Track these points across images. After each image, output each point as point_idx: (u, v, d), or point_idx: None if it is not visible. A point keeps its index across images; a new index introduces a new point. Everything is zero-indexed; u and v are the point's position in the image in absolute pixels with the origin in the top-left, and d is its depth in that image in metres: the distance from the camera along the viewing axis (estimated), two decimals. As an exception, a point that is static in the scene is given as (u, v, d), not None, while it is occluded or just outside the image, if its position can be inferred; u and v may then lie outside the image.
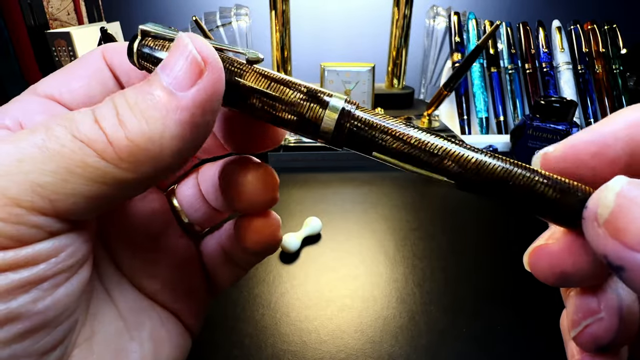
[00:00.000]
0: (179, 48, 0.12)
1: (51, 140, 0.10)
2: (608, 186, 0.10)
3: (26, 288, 0.10)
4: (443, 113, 0.67)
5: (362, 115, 0.13)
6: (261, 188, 0.15)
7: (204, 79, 0.11)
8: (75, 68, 0.15)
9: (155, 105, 0.11)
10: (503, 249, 0.37)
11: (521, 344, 0.27)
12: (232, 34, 0.69)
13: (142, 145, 0.11)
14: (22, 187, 0.10)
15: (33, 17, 0.62)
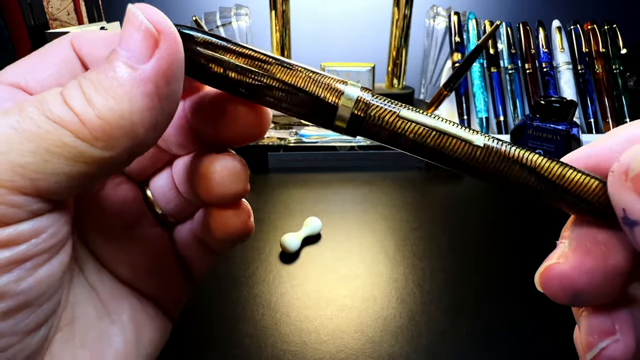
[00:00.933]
0: (130, 21, 0.12)
1: (25, 121, 0.10)
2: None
3: (9, 267, 0.11)
4: (443, 113, 0.67)
5: (377, 103, 0.13)
6: (229, 179, 0.15)
7: (161, 48, 0.12)
8: (43, 56, 0.14)
9: (118, 81, 0.11)
10: (503, 248, 0.37)
11: (521, 344, 0.27)
12: (232, 34, 0.69)
13: (113, 123, 0.11)
14: (3, 168, 0.10)
15: (33, 17, 0.62)
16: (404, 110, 0.13)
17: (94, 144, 0.11)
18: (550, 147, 0.51)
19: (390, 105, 0.13)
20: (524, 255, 0.35)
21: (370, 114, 0.13)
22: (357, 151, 0.52)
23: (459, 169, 0.13)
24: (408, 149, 0.13)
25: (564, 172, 0.12)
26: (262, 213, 0.41)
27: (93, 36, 0.14)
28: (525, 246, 0.37)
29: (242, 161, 0.16)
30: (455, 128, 0.13)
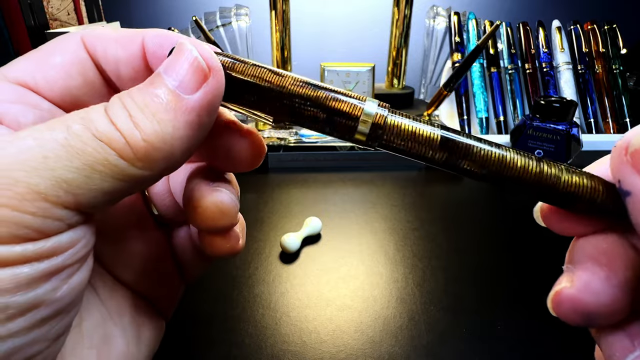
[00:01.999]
0: (183, 53, 0.12)
1: (73, 138, 0.11)
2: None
3: (48, 277, 0.11)
4: (443, 113, 0.67)
5: (395, 119, 0.13)
6: (219, 216, 0.16)
7: (209, 83, 0.12)
8: (51, 54, 0.14)
9: (165, 107, 0.12)
10: (503, 248, 0.37)
11: (522, 344, 0.27)
12: (232, 34, 0.69)
13: (156, 145, 0.12)
14: (50, 183, 0.10)
15: (33, 17, 0.62)
16: (418, 124, 0.13)
17: (134, 163, 0.11)
18: (550, 147, 0.51)
19: (404, 119, 0.13)
20: (524, 255, 0.35)
21: (388, 127, 0.13)
22: (357, 151, 0.52)
23: (474, 177, 0.14)
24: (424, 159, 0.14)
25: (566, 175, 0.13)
26: (262, 213, 0.41)
27: (106, 34, 0.14)
28: (525, 246, 0.37)
29: (234, 195, 0.16)
30: (463, 137, 0.13)
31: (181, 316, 0.28)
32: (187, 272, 0.20)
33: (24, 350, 0.11)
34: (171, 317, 0.20)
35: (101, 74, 0.15)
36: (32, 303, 0.11)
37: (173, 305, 0.20)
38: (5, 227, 0.10)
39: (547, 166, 0.13)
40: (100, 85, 0.15)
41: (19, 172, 0.10)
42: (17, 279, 0.10)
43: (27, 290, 0.11)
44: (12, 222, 0.10)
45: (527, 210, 0.42)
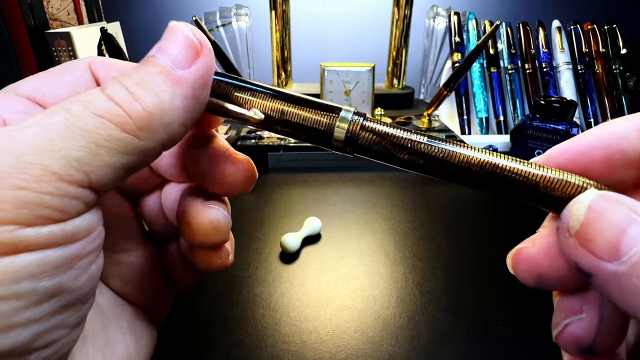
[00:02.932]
0: (173, 32, 0.13)
1: (74, 118, 0.11)
2: (579, 199, 0.12)
3: (72, 263, 0.12)
4: (443, 113, 0.67)
5: (370, 125, 0.14)
6: (212, 232, 0.16)
7: (202, 59, 0.13)
8: (60, 74, 0.15)
9: (162, 81, 0.12)
10: (503, 248, 0.36)
11: (522, 344, 0.27)
12: (232, 34, 0.69)
13: (156, 115, 0.12)
14: (61, 163, 0.11)
15: (33, 17, 0.62)
16: (394, 130, 0.14)
17: (137, 135, 0.12)
18: (550, 147, 0.51)
19: (384, 127, 0.14)
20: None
21: (362, 135, 0.14)
22: (357, 151, 0.52)
23: (453, 180, 0.14)
24: (400, 164, 0.14)
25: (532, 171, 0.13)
26: (262, 213, 0.41)
27: (111, 62, 0.16)
28: (525, 246, 0.37)
29: (226, 212, 0.17)
30: (446, 145, 0.14)
31: (181, 316, 0.28)
32: (177, 284, 0.21)
33: (47, 335, 0.11)
34: (162, 324, 0.21)
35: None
36: (57, 289, 0.11)
37: (163, 314, 0.21)
38: (27, 209, 0.10)
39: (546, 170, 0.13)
40: None
41: (30, 155, 0.11)
42: (45, 263, 0.11)
43: (53, 277, 0.11)
44: (34, 203, 0.10)
45: (527, 210, 0.42)
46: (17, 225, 0.10)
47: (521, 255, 0.14)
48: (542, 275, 0.13)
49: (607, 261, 0.10)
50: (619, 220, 0.11)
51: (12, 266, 0.10)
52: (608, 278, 0.10)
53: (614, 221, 0.11)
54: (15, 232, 0.10)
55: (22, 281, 0.10)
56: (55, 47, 0.62)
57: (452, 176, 0.14)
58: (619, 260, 0.10)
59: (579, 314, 0.13)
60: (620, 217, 0.11)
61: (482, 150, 0.13)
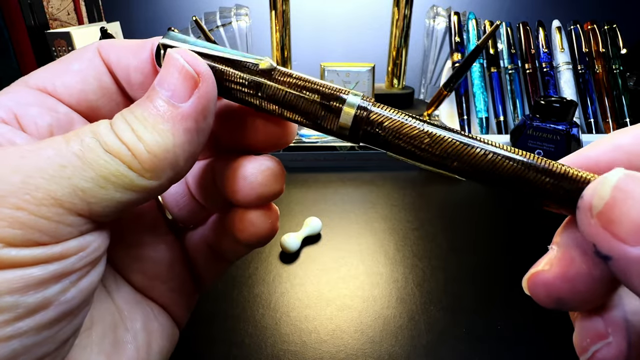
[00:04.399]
0: (170, 63, 0.13)
1: (87, 150, 0.12)
2: (606, 177, 0.11)
3: (58, 279, 0.11)
4: (443, 113, 0.67)
5: (378, 111, 0.13)
6: (272, 179, 0.15)
7: (200, 89, 0.13)
8: (69, 62, 0.15)
9: (162, 118, 0.12)
10: (503, 248, 0.37)
11: (521, 344, 0.27)
12: (232, 34, 0.69)
13: (160, 156, 0.12)
14: (67, 191, 0.11)
15: (33, 17, 0.62)
16: (409, 118, 0.13)
17: (143, 174, 0.12)
18: (550, 147, 0.51)
19: (390, 113, 0.13)
20: (523, 255, 0.35)
21: (371, 119, 0.13)
22: (357, 151, 0.52)
23: (464, 175, 0.13)
24: (406, 154, 0.14)
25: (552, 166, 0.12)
26: (262, 213, 0.41)
27: (119, 44, 0.15)
28: (525, 246, 0.37)
29: (279, 161, 0.16)
30: (454, 134, 0.13)
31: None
32: (202, 277, 0.19)
33: (32, 351, 0.11)
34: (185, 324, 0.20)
35: (114, 80, 0.15)
36: (41, 303, 0.11)
37: (187, 312, 0.19)
38: (20, 230, 0.11)
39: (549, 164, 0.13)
40: (113, 91, 0.16)
41: (39, 179, 0.11)
42: (27, 279, 0.11)
43: (36, 291, 0.11)
44: (28, 225, 0.11)
45: (527, 210, 0.42)
46: (5, 243, 0.10)
47: (538, 280, 0.13)
48: (562, 299, 0.12)
49: (630, 245, 0.10)
50: None
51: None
52: (629, 263, 0.10)
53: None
54: (1, 250, 0.10)
55: (3, 295, 0.10)
56: (55, 47, 0.62)
57: (460, 169, 0.13)
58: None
59: (604, 338, 0.12)
60: None
61: (499, 145, 0.13)
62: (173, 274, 0.18)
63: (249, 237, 0.16)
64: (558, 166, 0.12)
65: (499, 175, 0.13)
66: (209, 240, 0.19)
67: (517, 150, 0.13)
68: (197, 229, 0.19)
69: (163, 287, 0.18)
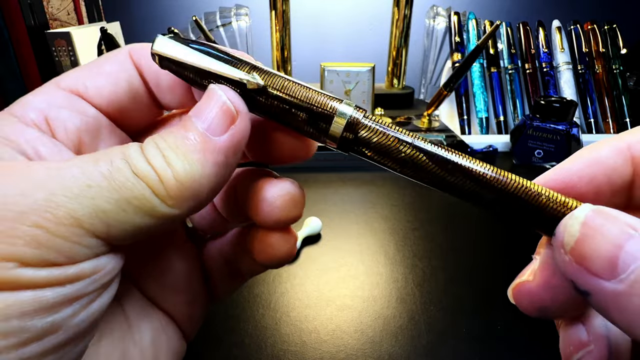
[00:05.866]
0: (212, 98, 0.13)
1: (116, 172, 0.11)
2: (574, 215, 0.11)
3: (70, 302, 0.11)
4: (443, 113, 0.67)
5: (370, 124, 0.13)
6: (291, 204, 0.15)
7: (237, 126, 0.13)
8: (101, 64, 0.15)
9: (194, 148, 0.12)
10: (503, 248, 0.37)
11: (521, 344, 0.27)
12: (232, 34, 0.69)
13: (186, 184, 0.12)
14: (88, 211, 0.11)
15: (33, 17, 0.62)
16: (398, 134, 0.13)
17: (166, 201, 0.12)
18: (550, 147, 0.51)
19: (381, 126, 0.13)
20: (523, 255, 0.35)
21: (361, 132, 0.13)
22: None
23: (442, 189, 0.13)
24: (394, 168, 0.14)
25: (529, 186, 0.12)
26: (262, 213, 0.41)
27: (148, 48, 0.15)
28: (524, 246, 0.37)
29: (300, 186, 0.16)
30: (439, 149, 0.13)
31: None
32: (215, 291, 0.19)
33: None
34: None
35: (144, 83, 0.16)
36: (49, 328, 0.11)
37: (196, 325, 0.19)
38: (37, 249, 0.10)
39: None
40: (143, 94, 0.16)
41: (62, 197, 0.11)
42: (38, 302, 0.10)
43: (46, 315, 0.11)
44: (46, 244, 0.10)
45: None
46: (19, 263, 0.10)
47: (522, 290, 0.13)
48: (545, 307, 0.13)
49: (604, 279, 0.10)
50: (616, 235, 0.10)
51: (3, 302, 0.10)
52: (606, 297, 0.10)
53: (610, 237, 0.10)
54: (14, 269, 0.10)
55: (11, 319, 0.10)
56: (55, 47, 0.62)
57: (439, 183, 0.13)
58: (617, 278, 0.10)
59: (587, 346, 0.13)
60: (616, 232, 0.10)
61: (482, 163, 0.13)
62: (187, 285, 0.18)
63: (266, 259, 0.16)
64: (540, 194, 0.12)
65: (482, 194, 0.13)
66: (227, 255, 0.18)
67: (500, 170, 0.13)
68: (215, 241, 0.19)
69: (176, 298, 0.17)
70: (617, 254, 0.10)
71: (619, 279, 0.10)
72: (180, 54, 0.14)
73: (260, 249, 0.16)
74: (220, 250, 0.19)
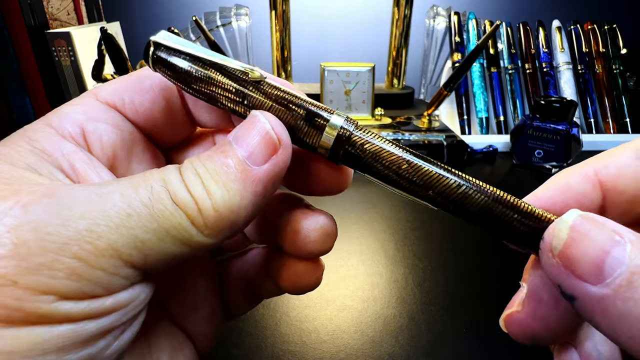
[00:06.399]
0: (254, 125, 0.13)
1: (156, 200, 0.11)
2: (562, 219, 0.11)
3: (105, 334, 0.11)
4: (443, 113, 0.67)
5: (360, 135, 0.13)
6: (325, 239, 0.15)
7: (278, 156, 0.13)
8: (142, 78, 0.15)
9: (234, 177, 0.12)
10: (503, 248, 0.37)
11: (521, 344, 0.27)
12: (232, 34, 0.69)
13: (224, 215, 0.12)
14: (127, 241, 0.11)
15: (33, 17, 0.62)
16: (385, 144, 0.13)
17: (202, 231, 0.12)
18: (550, 147, 0.51)
19: (371, 137, 0.13)
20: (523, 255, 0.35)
21: (352, 140, 0.13)
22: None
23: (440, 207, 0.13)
24: (382, 179, 0.14)
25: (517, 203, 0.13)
26: (262, 213, 0.41)
27: None
28: (525, 246, 0.37)
29: (334, 220, 0.16)
30: (432, 166, 0.13)
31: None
32: (231, 309, 0.19)
33: None
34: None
35: (182, 100, 0.15)
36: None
37: (211, 342, 0.19)
38: (77, 282, 0.10)
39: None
40: (179, 111, 0.15)
41: (104, 227, 0.10)
42: (76, 336, 0.10)
43: (82, 348, 0.10)
44: (85, 277, 0.10)
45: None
46: (57, 296, 0.10)
47: (512, 320, 0.14)
48: (536, 336, 0.13)
49: (590, 283, 0.10)
50: (603, 241, 0.10)
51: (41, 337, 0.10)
52: (592, 302, 0.10)
53: (597, 242, 0.10)
54: (52, 303, 0.10)
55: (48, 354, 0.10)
56: (55, 47, 0.62)
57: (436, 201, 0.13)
58: (603, 283, 0.10)
59: None
60: (603, 237, 0.10)
61: (471, 179, 0.13)
62: (207, 303, 0.18)
63: (292, 287, 0.16)
64: (524, 204, 0.13)
65: (469, 207, 0.13)
66: (248, 276, 0.18)
67: (487, 185, 0.13)
68: (237, 259, 0.19)
69: (194, 315, 0.17)
70: (604, 258, 0.10)
71: (605, 283, 0.10)
72: (180, 45, 0.13)
73: (287, 277, 0.16)
74: (242, 270, 0.18)
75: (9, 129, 0.61)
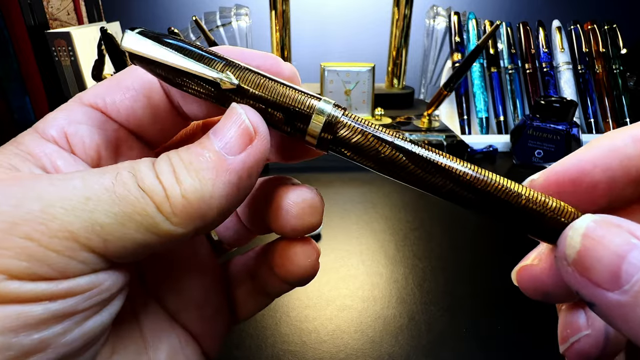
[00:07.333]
0: (231, 116, 0.13)
1: (119, 184, 0.11)
2: (574, 226, 0.11)
3: (60, 319, 0.11)
4: (443, 113, 0.67)
5: (348, 122, 0.13)
6: (308, 212, 0.15)
7: (254, 146, 0.13)
8: (121, 79, 0.15)
9: (207, 166, 0.12)
10: (504, 248, 0.37)
11: (521, 344, 0.27)
12: (232, 34, 0.69)
13: (194, 203, 0.12)
14: (84, 224, 0.10)
15: (33, 17, 0.62)
16: (374, 130, 0.13)
17: (170, 218, 0.11)
18: (550, 147, 0.51)
19: (361, 124, 0.13)
20: (523, 254, 0.35)
21: (340, 130, 0.13)
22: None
23: (428, 191, 0.13)
24: (373, 166, 0.13)
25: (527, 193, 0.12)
26: (262, 213, 0.41)
27: None
28: (524, 246, 0.37)
29: (319, 193, 0.16)
30: (423, 150, 0.13)
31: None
32: (239, 308, 0.18)
33: None
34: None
35: (166, 95, 0.15)
36: (37, 346, 0.10)
37: (218, 343, 0.18)
38: (26, 262, 0.10)
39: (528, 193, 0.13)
40: (164, 106, 0.15)
41: (59, 208, 0.10)
42: (25, 317, 0.10)
43: (34, 331, 0.10)
44: (35, 257, 0.10)
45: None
46: (6, 275, 0.10)
47: (526, 273, 0.13)
48: (547, 292, 0.13)
49: (608, 290, 0.10)
50: (618, 246, 0.10)
51: None
52: (611, 308, 0.10)
53: (612, 247, 0.10)
54: (2, 282, 0.10)
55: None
56: (55, 47, 0.62)
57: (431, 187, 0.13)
58: (621, 289, 0.10)
59: (584, 329, 0.13)
60: (619, 242, 0.10)
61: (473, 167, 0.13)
62: (210, 300, 0.17)
63: (287, 274, 0.16)
64: (517, 191, 0.12)
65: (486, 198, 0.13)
66: (252, 270, 0.18)
67: (482, 170, 0.13)
68: (241, 256, 0.19)
69: (197, 313, 0.17)
70: (620, 264, 0.10)
71: (623, 290, 0.10)
72: (151, 51, 0.13)
73: (280, 263, 0.16)
74: (246, 264, 0.18)
75: (9, 129, 0.61)
